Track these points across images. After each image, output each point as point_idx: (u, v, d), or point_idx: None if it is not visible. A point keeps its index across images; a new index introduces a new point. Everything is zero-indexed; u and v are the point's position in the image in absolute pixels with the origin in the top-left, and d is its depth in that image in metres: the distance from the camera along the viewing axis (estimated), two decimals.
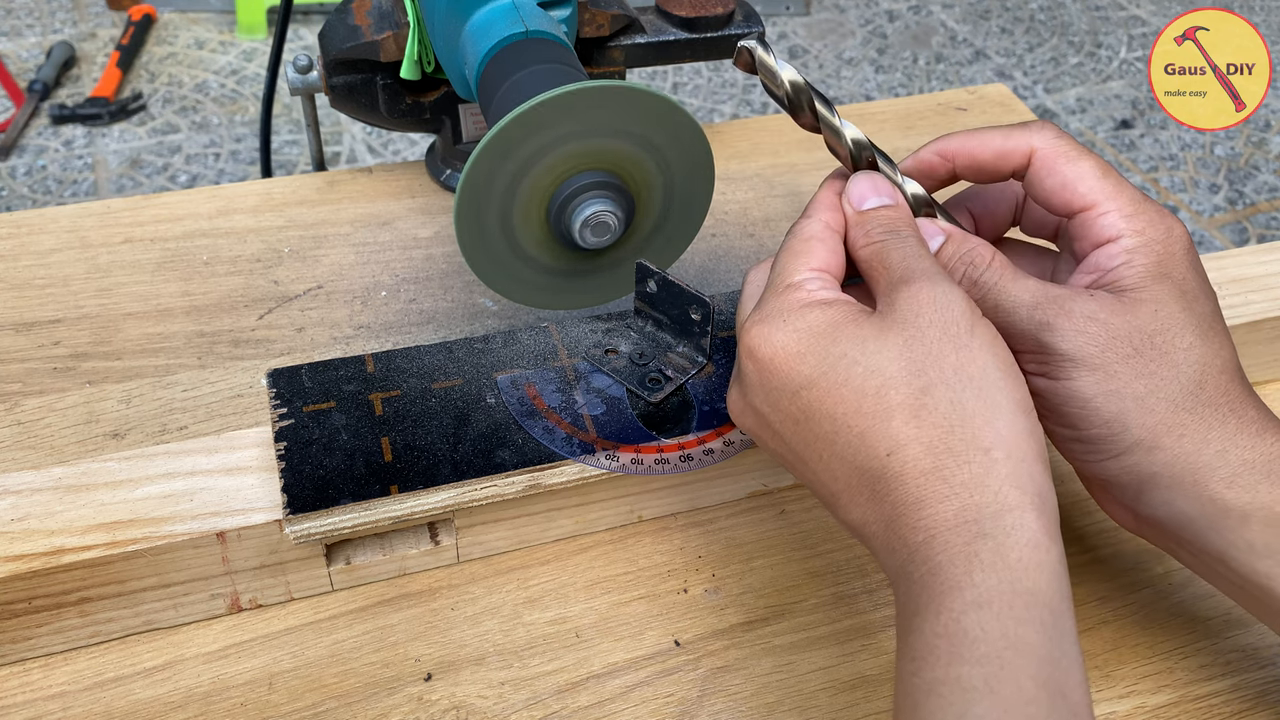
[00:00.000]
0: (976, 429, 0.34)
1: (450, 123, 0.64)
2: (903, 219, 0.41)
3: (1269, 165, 2.03)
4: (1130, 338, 0.37)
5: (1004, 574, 0.32)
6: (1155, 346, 0.37)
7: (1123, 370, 0.37)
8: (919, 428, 0.34)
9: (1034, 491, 0.34)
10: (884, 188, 0.42)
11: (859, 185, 0.42)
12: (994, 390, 0.35)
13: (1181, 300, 0.38)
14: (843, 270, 0.40)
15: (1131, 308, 0.38)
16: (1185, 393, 0.37)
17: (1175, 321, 0.38)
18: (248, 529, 0.42)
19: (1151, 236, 0.39)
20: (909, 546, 0.34)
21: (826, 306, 0.37)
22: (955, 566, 0.33)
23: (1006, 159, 0.41)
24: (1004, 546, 0.32)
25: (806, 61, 2.27)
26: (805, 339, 0.37)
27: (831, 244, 0.40)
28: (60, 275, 0.60)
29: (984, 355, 0.35)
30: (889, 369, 0.35)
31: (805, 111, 0.43)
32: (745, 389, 0.39)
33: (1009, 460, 0.34)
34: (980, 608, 0.32)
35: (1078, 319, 0.38)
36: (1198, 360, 0.38)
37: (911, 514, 0.34)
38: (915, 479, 0.34)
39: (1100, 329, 0.38)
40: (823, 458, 0.37)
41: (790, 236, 0.41)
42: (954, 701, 0.31)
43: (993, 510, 0.33)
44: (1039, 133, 0.41)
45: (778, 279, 0.39)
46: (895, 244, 0.39)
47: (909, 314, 0.36)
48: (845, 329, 0.37)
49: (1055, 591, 0.32)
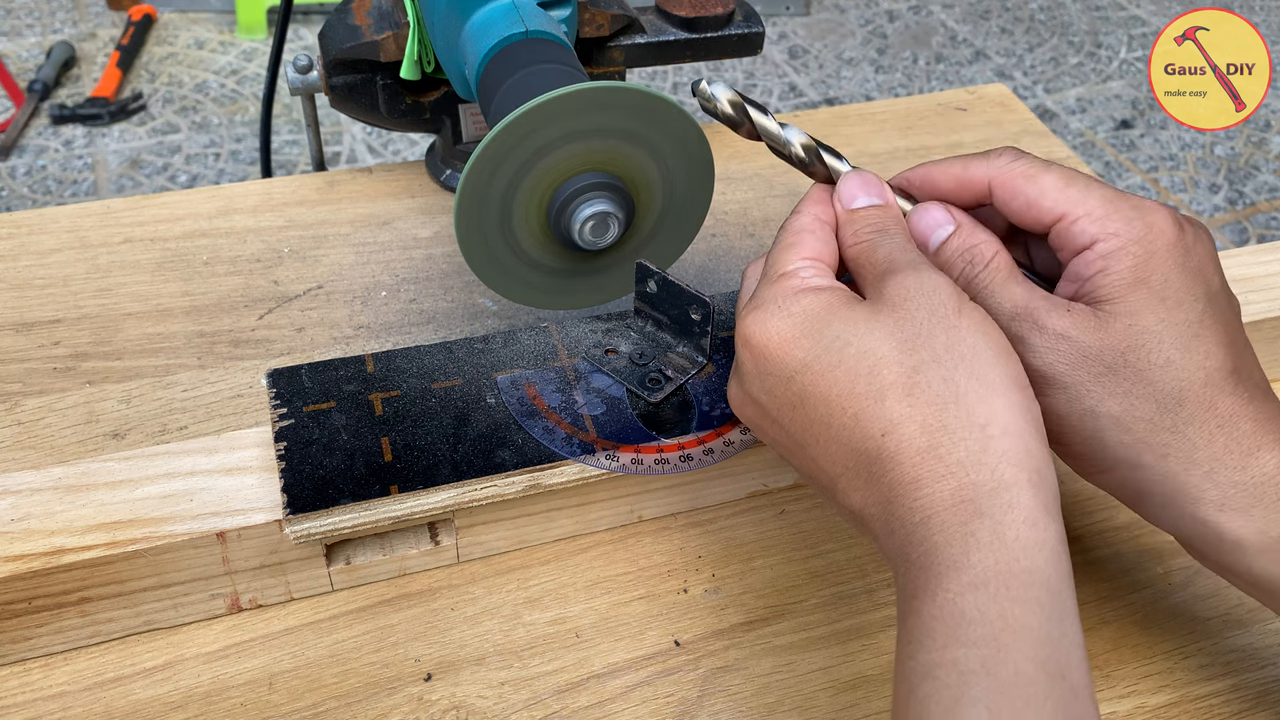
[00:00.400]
0: (970, 406, 0.34)
1: (450, 123, 0.64)
2: (891, 218, 0.41)
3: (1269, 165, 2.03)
4: (1102, 356, 0.37)
5: (1001, 554, 0.32)
6: (1129, 364, 0.37)
7: (1095, 389, 0.37)
8: (912, 406, 0.34)
9: (1031, 468, 0.33)
10: (873, 188, 0.42)
11: (849, 185, 0.42)
12: (986, 367, 0.35)
13: (1160, 309, 0.37)
14: (835, 260, 0.41)
15: (1105, 323, 0.37)
16: (1162, 410, 0.36)
17: (1150, 335, 0.36)
18: (248, 529, 0.42)
19: (1129, 237, 0.37)
20: (906, 528, 0.34)
21: (819, 292, 0.38)
22: (952, 547, 0.32)
23: (967, 189, 0.41)
24: (1001, 525, 0.32)
25: (806, 61, 2.27)
26: (799, 324, 0.37)
27: (822, 235, 0.41)
28: (60, 275, 0.60)
29: (973, 335, 0.35)
30: (881, 349, 0.35)
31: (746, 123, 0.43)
32: (742, 378, 0.40)
33: (1005, 436, 0.34)
34: (977, 589, 0.31)
35: (1050, 336, 0.37)
36: (1176, 376, 0.36)
37: (909, 494, 0.34)
38: (911, 458, 0.34)
39: (1071, 347, 0.37)
40: (820, 441, 0.37)
41: (782, 231, 0.41)
42: (951, 684, 0.31)
43: (989, 488, 0.33)
44: (995, 160, 0.40)
45: (771, 269, 0.40)
46: (882, 241, 0.39)
47: (897, 298, 0.36)
48: (838, 312, 0.37)
49: (1054, 570, 0.32)
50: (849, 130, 0.74)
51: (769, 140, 0.43)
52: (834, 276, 0.40)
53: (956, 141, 0.74)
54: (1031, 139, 0.75)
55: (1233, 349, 0.37)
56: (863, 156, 0.72)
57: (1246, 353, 0.38)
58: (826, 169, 0.43)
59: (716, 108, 0.43)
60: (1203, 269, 0.38)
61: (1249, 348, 0.39)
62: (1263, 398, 0.37)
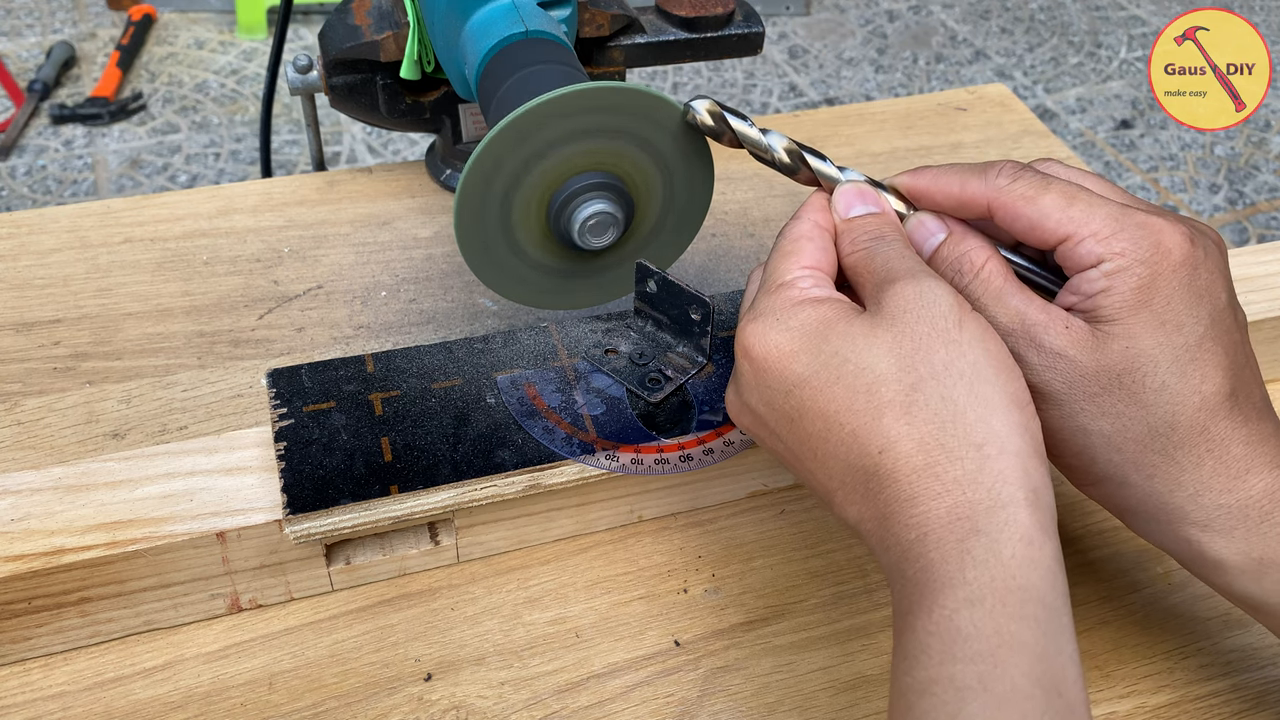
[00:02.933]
0: (969, 424, 0.34)
1: (450, 123, 0.64)
2: (888, 224, 0.40)
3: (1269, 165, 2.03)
4: (1098, 376, 0.36)
5: (997, 570, 0.32)
6: (1123, 386, 0.36)
7: (1088, 408, 0.37)
8: (910, 424, 0.34)
9: (1028, 487, 0.33)
10: (869, 196, 0.41)
11: (844, 196, 0.41)
12: (985, 385, 0.34)
13: (1159, 332, 0.36)
14: (834, 268, 0.40)
15: (1102, 344, 0.36)
16: (1154, 434, 0.36)
17: (1146, 359, 0.36)
18: (248, 529, 0.42)
19: (1135, 257, 0.36)
20: (902, 544, 0.34)
21: (818, 304, 0.37)
22: (948, 564, 0.32)
23: (967, 209, 0.40)
24: (997, 543, 0.32)
25: (806, 61, 2.27)
26: (798, 337, 0.37)
27: (821, 242, 0.40)
28: (60, 275, 0.60)
29: (974, 350, 0.35)
30: (879, 366, 0.35)
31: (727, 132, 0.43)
32: (741, 388, 0.39)
33: (1002, 456, 0.34)
34: (973, 605, 0.31)
35: (1046, 354, 0.37)
36: (1170, 400, 0.36)
37: (904, 511, 0.34)
38: (907, 476, 0.34)
39: (1067, 366, 0.37)
40: (817, 455, 0.37)
41: (780, 238, 0.41)
42: (948, 700, 0.31)
43: (986, 506, 0.33)
44: (994, 180, 0.39)
45: (770, 279, 0.40)
46: (879, 248, 0.39)
47: (895, 311, 0.36)
48: (836, 326, 0.36)
49: (1050, 587, 0.32)
50: (849, 130, 0.74)
51: (751, 147, 0.43)
52: (833, 285, 0.39)
53: (956, 141, 0.74)
54: (1031, 139, 0.75)
55: (1231, 370, 0.37)
56: (863, 156, 0.72)
57: (1246, 371, 0.38)
58: (811, 172, 0.43)
59: (698, 120, 0.43)
60: (1210, 287, 0.37)
61: (1251, 364, 0.38)
62: (1259, 418, 0.37)
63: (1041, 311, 0.38)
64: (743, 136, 0.43)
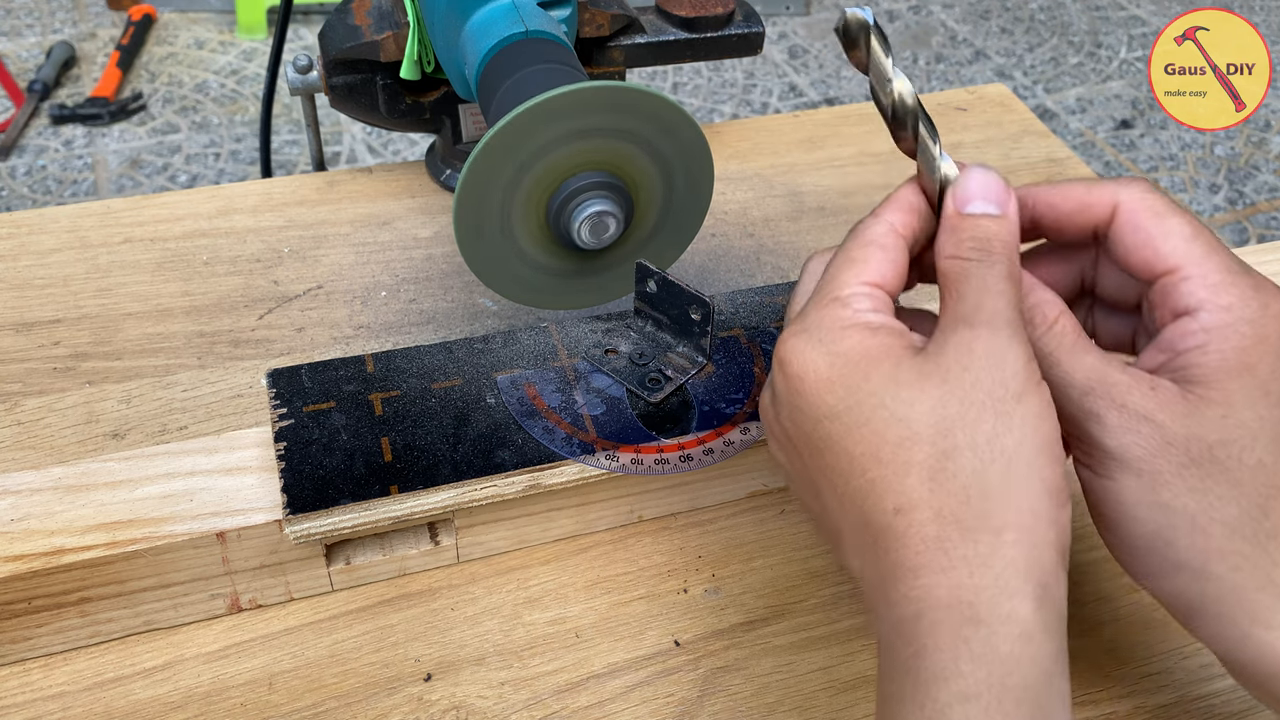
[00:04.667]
0: (992, 506, 0.31)
1: (450, 123, 0.64)
2: (1002, 237, 0.35)
3: (1269, 165, 2.03)
4: (1188, 445, 0.33)
5: (994, 667, 0.30)
6: (1215, 459, 0.32)
7: (1174, 481, 0.33)
8: (933, 491, 0.32)
9: (1038, 581, 0.31)
10: (996, 192, 0.36)
11: (969, 183, 0.36)
12: (1024, 467, 0.32)
13: (1262, 403, 0.33)
14: (901, 285, 0.37)
15: (1196, 409, 0.33)
16: (1246, 517, 0.32)
17: (1245, 431, 0.32)
18: (248, 529, 0.42)
19: (1240, 315, 0.33)
20: (897, 619, 0.32)
21: (870, 333, 0.34)
22: (942, 653, 0.31)
23: (1089, 211, 0.37)
24: (996, 636, 0.30)
25: (806, 61, 2.27)
26: (839, 366, 0.34)
27: (894, 253, 0.36)
28: (60, 275, 0.60)
29: (1024, 428, 0.32)
30: (917, 423, 0.32)
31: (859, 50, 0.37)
32: (774, 397, 0.37)
33: (1018, 545, 0.31)
34: (967, 701, 0.30)
35: (1130, 416, 0.33)
36: (1267, 481, 0.32)
37: (906, 581, 0.32)
38: (916, 545, 0.32)
39: (1154, 431, 0.33)
40: (835, 491, 0.34)
41: (851, 237, 0.37)
42: None
43: (990, 594, 0.31)
44: (1127, 187, 0.36)
45: (825, 287, 0.36)
46: (978, 270, 0.34)
47: (956, 366, 0.33)
48: (882, 365, 0.33)
49: (1044, 687, 0.31)
50: (849, 130, 0.74)
51: (874, 77, 0.37)
52: (893, 308, 0.36)
53: (957, 141, 0.74)
54: (1032, 139, 0.75)
55: None
56: (863, 156, 0.72)
57: None
58: (914, 140, 0.37)
59: (843, 21, 0.37)
60: None
61: None
62: None
63: (1122, 370, 0.34)
64: (872, 61, 0.37)
